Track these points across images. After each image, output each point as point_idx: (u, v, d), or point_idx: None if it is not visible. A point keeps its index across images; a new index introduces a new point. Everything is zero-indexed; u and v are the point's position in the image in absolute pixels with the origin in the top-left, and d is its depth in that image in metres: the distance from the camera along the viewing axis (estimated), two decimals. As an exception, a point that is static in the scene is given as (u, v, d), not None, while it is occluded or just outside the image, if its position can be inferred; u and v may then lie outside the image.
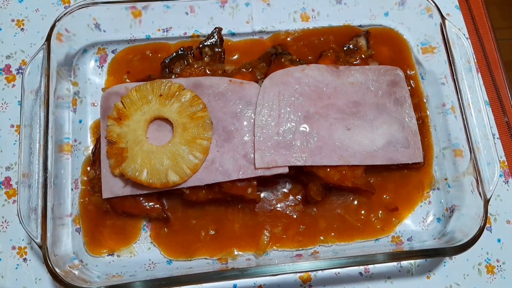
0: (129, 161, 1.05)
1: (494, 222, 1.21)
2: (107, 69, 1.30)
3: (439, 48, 1.22)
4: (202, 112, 1.10)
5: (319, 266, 1.02)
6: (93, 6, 1.18)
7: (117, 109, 1.10)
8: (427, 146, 1.25)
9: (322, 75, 1.19)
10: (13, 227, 1.16)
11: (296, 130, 1.12)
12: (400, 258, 1.09)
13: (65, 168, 1.18)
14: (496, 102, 1.33)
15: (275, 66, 1.20)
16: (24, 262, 1.13)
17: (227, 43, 1.31)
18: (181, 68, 1.20)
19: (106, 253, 1.14)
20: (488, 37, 1.40)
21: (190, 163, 1.07)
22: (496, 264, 1.17)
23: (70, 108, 1.25)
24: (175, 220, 1.16)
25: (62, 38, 1.18)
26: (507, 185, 1.24)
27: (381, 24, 1.36)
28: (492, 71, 1.36)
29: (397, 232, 1.19)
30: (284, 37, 1.34)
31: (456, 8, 1.41)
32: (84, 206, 1.16)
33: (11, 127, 1.24)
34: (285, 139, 1.11)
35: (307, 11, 1.36)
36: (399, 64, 1.27)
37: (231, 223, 1.16)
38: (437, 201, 1.22)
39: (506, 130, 1.30)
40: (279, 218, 1.17)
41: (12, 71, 1.29)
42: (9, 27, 1.32)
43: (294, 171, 1.13)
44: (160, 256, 1.15)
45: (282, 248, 1.16)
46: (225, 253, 1.14)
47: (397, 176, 1.22)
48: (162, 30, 1.33)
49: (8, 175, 1.20)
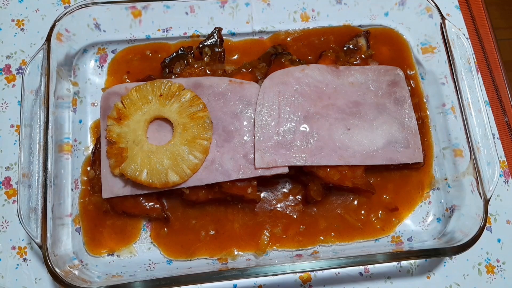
0: (129, 161, 1.05)
1: (494, 222, 1.21)
2: (107, 69, 1.30)
3: (439, 48, 1.22)
4: (202, 112, 1.10)
5: (319, 266, 1.02)
6: (93, 6, 1.18)
7: (117, 109, 1.10)
8: (427, 146, 1.25)
9: (322, 75, 1.19)
10: (13, 227, 1.16)
11: (296, 130, 1.12)
12: (400, 258, 1.09)
13: (65, 168, 1.18)
14: (496, 102, 1.33)
15: (275, 66, 1.20)
16: (24, 262, 1.13)
17: (227, 43, 1.31)
18: (181, 68, 1.20)
19: (106, 253, 1.14)
20: (488, 37, 1.40)
21: (190, 163, 1.07)
22: (496, 264, 1.17)
23: (70, 108, 1.25)
24: (175, 220, 1.16)
25: (62, 38, 1.18)
26: (507, 185, 1.24)
27: (381, 24, 1.36)
28: (492, 71, 1.36)
29: (397, 232, 1.19)
30: (284, 37, 1.34)
31: (456, 8, 1.41)
32: (84, 206, 1.16)
33: (11, 127, 1.24)
34: (285, 139, 1.11)
35: (307, 11, 1.36)
36: (399, 64, 1.27)
37: (231, 223, 1.16)
38: (437, 201, 1.22)
39: (506, 130, 1.30)
40: (279, 218, 1.17)
41: (12, 71, 1.29)
42: (9, 27, 1.33)
43: (294, 171, 1.13)
44: (160, 256, 1.15)
45: (282, 248, 1.16)
46: (225, 253, 1.14)
47: (397, 176, 1.22)
48: (162, 30, 1.33)
49: (8, 175, 1.20)
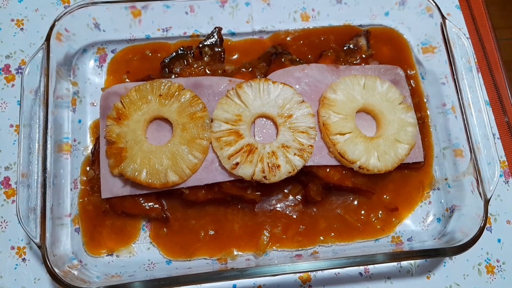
0: (128, 161, 1.05)
1: (494, 222, 1.20)
2: (107, 68, 1.30)
3: (440, 48, 1.21)
4: (202, 112, 1.10)
5: (319, 266, 1.02)
6: (93, 5, 1.18)
7: (116, 109, 1.10)
8: (427, 146, 1.25)
9: (322, 74, 1.18)
10: (12, 227, 1.15)
11: (296, 130, 1.12)
12: (400, 258, 1.09)
13: (64, 168, 1.18)
14: (496, 102, 1.33)
15: (275, 65, 1.20)
16: (23, 262, 1.13)
17: (227, 43, 1.31)
18: (181, 68, 1.20)
19: (105, 253, 1.14)
20: (488, 37, 1.40)
21: (190, 163, 1.07)
22: (496, 264, 1.17)
23: (69, 108, 1.24)
24: (174, 220, 1.16)
25: (61, 37, 1.17)
26: (507, 185, 1.24)
27: (381, 23, 1.36)
28: (492, 71, 1.36)
29: (397, 232, 1.19)
30: (284, 36, 1.34)
31: (457, 8, 1.41)
32: (83, 206, 1.16)
33: (10, 127, 1.24)
34: (285, 139, 1.11)
35: (307, 10, 1.36)
36: (400, 64, 1.27)
37: (230, 223, 1.16)
38: (437, 201, 1.22)
39: (507, 130, 1.30)
40: (279, 218, 1.17)
41: (12, 71, 1.29)
42: (8, 27, 1.32)
43: (294, 171, 1.13)
44: (159, 256, 1.15)
45: (282, 248, 1.16)
46: (224, 253, 1.14)
47: (397, 176, 1.22)
48: (162, 30, 1.33)
49: (7, 175, 1.20)
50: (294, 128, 1.08)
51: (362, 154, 1.08)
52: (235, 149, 1.05)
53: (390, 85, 1.16)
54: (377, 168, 1.09)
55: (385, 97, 1.14)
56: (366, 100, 1.13)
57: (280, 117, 1.09)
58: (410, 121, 1.14)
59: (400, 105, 1.15)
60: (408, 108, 1.15)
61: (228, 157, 1.05)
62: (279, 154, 1.05)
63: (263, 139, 1.11)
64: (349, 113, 1.11)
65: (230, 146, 1.06)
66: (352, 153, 1.08)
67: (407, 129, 1.12)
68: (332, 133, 1.08)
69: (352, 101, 1.13)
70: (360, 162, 1.08)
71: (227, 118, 1.08)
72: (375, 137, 1.12)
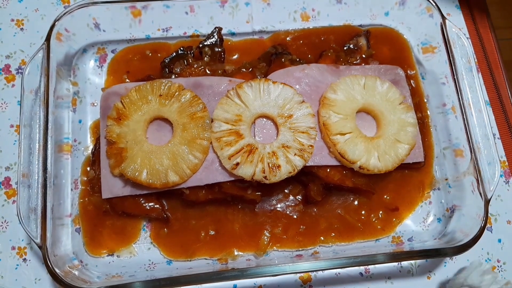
0: (128, 161, 1.05)
1: (494, 222, 1.20)
2: (107, 69, 1.30)
3: (440, 48, 1.21)
4: (202, 112, 1.10)
5: (320, 266, 1.02)
6: (93, 5, 1.18)
7: (116, 109, 1.10)
8: (428, 146, 1.25)
9: (323, 74, 1.18)
10: (12, 227, 1.15)
11: (296, 130, 1.12)
12: (400, 259, 1.09)
13: (64, 168, 1.18)
14: (496, 102, 1.33)
15: (275, 66, 1.20)
16: (24, 262, 1.13)
17: (227, 43, 1.31)
18: (181, 68, 1.20)
19: (106, 254, 1.14)
20: (488, 37, 1.40)
21: (190, 163, 1.07)
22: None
23: (69, 108, 1.24)
24: (175, 220, 1.16)
25: (61, 37, 1.17)
26: (507, 185, 1.24)
27: (381, 23, 1.36)
28: (492, 71, 1.36)
29: (397, 232, 1.19)
30: (284, 36, 1.34)
31: (457, 8, 1.41)
32: (83, 206, 1.16)
33: (10, 127, 1.24)
34: (285, 139, 1.11)
35: (307, 10, 1.36)
36: (400, 64, 1.27)
37: (231, 223, 1.16)
38: (437, 201, 1.22)
39: (507, 130, 1.30)
40: (279, 218, 1.17)
41: (12, 71, 1.28)
42: (8, 27, 1.32)
43: (294, 171, 1.13)
44: (160, 256, 1.15)
45: (282, 248, 1.16)
46: (225, 253, 1.14)
47: (397, 176, 1.21)
48: (162, 30, 1.33)
49: (7, 175, 1.20)
50: (295, 128, 1.08)
51: (362, 154, 1.08)
52: (235, 149, 1.05)
53: (390, 85, 1.16)
54: (378, 168, 1.09)
55: (385, 97, 1.14)
56: (366, 100, 1.13)
57: (280, 117, 1.09)
58: (410, 121, 1.14)
59: (400, 105, 1.15)
60: (408, 108, 1.15)
61: (229, 157, 1.05)
62: (279, 154, 1.05)
63: (263, 139, 1.11)
64: (349, 113, 1.11)
65: (230, 146, 1.06)
66: (353, 153, 1.08)
67: (407, 129, 1.13)
68: (332, 133, 1.08)
69: (352, 101, 1.13)
70: (360, 162, 1.08)
71: (227, 118, 1.08)
72: (375, 137, 1.12)
